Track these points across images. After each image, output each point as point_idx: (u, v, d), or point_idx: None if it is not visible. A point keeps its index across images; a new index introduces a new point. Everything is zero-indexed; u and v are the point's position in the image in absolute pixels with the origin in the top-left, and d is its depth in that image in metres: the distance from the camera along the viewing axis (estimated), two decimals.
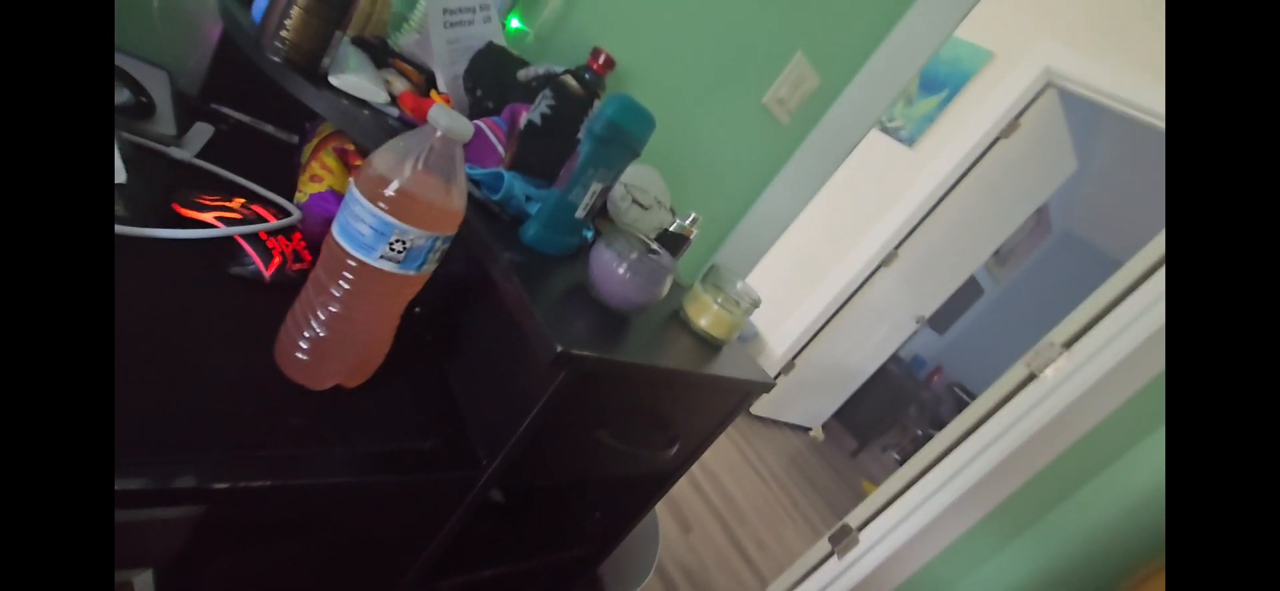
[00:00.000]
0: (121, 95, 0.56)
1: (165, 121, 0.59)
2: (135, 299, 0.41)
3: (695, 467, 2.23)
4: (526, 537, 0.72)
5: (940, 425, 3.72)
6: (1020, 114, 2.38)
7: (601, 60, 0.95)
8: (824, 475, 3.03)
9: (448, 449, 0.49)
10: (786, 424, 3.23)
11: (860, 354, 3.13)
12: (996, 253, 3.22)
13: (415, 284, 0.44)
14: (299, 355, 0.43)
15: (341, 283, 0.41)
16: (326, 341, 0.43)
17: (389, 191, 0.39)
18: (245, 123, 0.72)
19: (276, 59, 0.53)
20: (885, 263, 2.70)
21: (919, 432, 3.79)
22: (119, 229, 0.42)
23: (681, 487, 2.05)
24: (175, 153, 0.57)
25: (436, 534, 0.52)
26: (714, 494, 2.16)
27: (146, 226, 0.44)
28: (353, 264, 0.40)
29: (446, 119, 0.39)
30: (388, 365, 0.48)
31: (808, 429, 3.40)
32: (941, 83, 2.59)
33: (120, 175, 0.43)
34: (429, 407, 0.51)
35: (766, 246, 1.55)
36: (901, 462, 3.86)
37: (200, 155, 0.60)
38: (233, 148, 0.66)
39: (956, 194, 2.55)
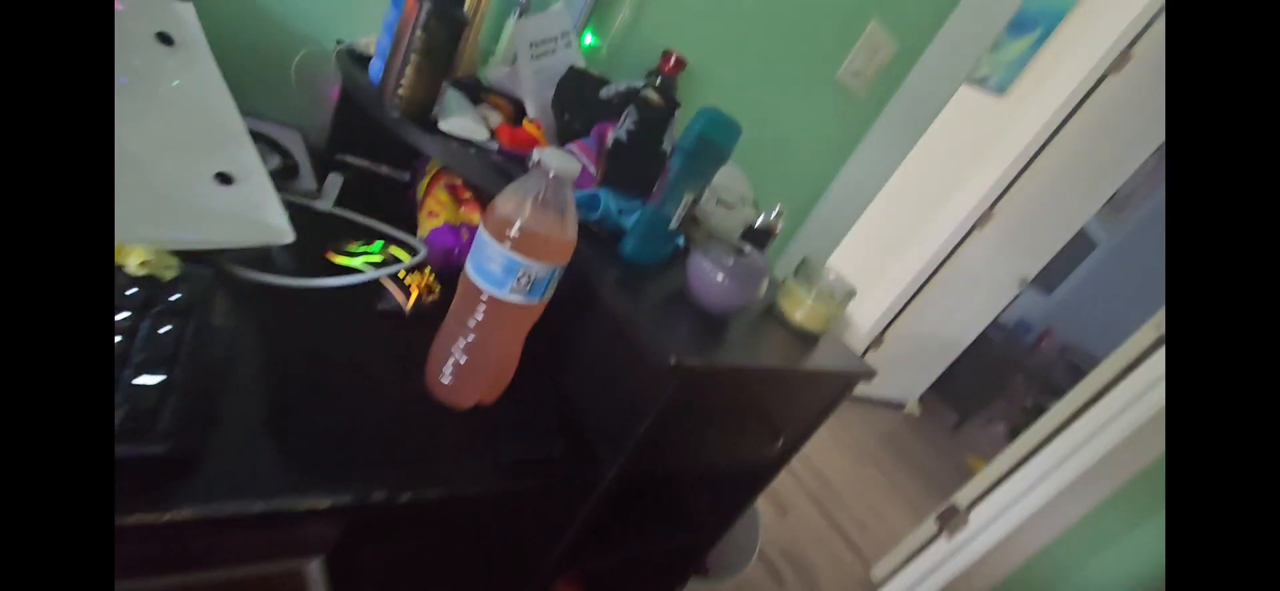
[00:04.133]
0: (272, 161, 0.65)
1: (307, 177, 0.68)
2: (313, 341, 0.48)
3: None
4: (640, 525, 0.76)
5: (1053, 393, 3.44)
6: (1131, 45, 2.13)
7: (672, 62, 0.97)
8: (923, 452, 2.91)
9: (573, 452, 0.54)
10: (878, 400, 3.12)
11: (956, 322, 2.96)
12: (1110, 200, 2.90)
13: (538, 310, 0.48)
14: (445, 380, 0.49)
15: (477, 315, 0.47)
16: (467, 367, 0.48)
17: (513, 232, 0.43)
18: (364, 167, 0.80)
19: (396, 114, 0.59)
20: (979, 223, 2.53)
21: (1028, 403, 3.52)
22: (295, 282, 0.50)
23: None
24: (319, 205, 0.65)
25: (567, 528, 0.57)
26: (807, 476, 2.14)
27: (312, 278, 0.52)
28: (485, 299, 0.45)
29: (557, 161, 0.43)
30: (513, 379, 0.54)
31: (902, 404, 3.26)
32: (1032, 21, 2.36)
33: (289, 235, 0.50)
34: (552, 415, 0.56)
35: (849, 224, 1.51)
36: (1011, 436, 3.61)
37: (336, 204, 0.68)
38: (357, 191, 0.74)
39: (1058, 141, 2.34)
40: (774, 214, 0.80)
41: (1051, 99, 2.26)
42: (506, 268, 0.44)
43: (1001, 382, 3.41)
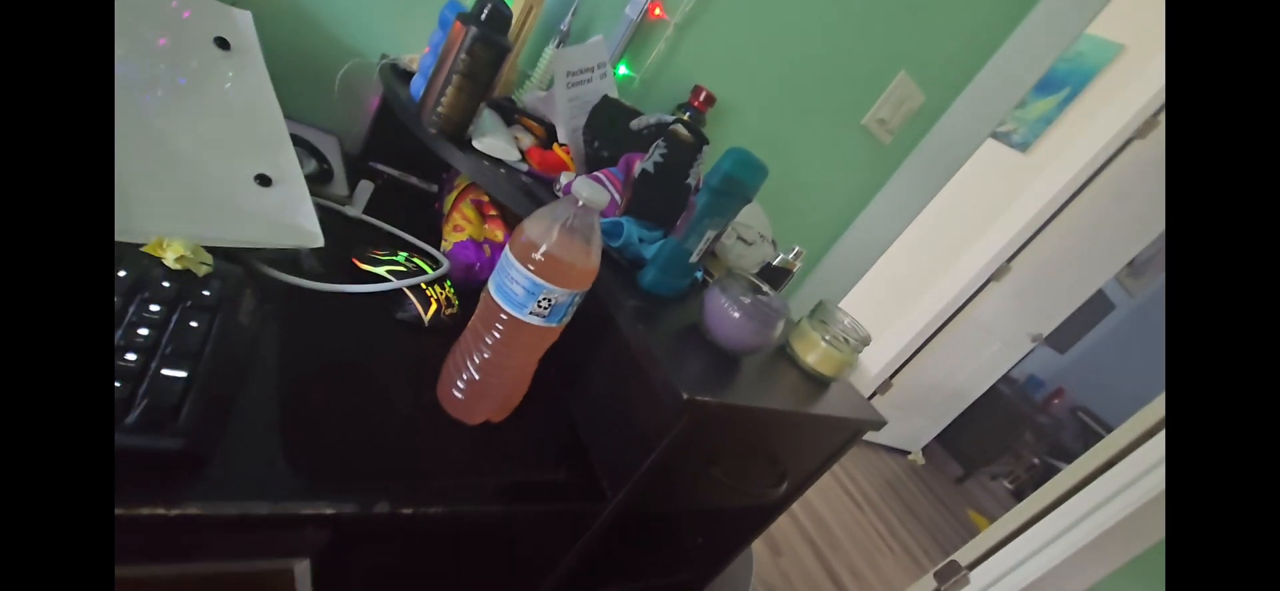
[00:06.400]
0: (309, 165, 0.67)
1: (340, 183, 0.70)
2: (331, 344, 0.49)
3: None
4: (634, 560, 0.76)
5: (1062, 454, 3.37)
6: (1158, 112, 2.13)
7: (702, 97, 0.98)
8: (925, 503, 2.85)
9: (577, 481, 0.53)
10: (882, 446, 3.07)
11: (965, 373, 2.92)
12: (1130, 264, 2.87)
13: (556, 334, 0.49)
14: (457, 394, 0.49)
15: (495, 333, 0.47)
16: (480, 384, 0.49)
17: (538, 255, 0.44)
18: (395, 176, 0.82)
19: (433, 131, 0.61)
20: (995, 277, 2.51)
21: (1035, 461, 3.45)
22: (320, 286, 0.51)
23: None
24: (349, 211, 0.67)
25: (563, 556, 0.57)
26: (805, 517, 2.10)
27: (336, 282, 0.53)
28: (505, 318, 0.46)
29: (588, 191, 0.44)
30: (524, 400, 0.54)
31: (906, 452, 3.22)
32: (1060, 81, 2.37)
33: (320, 240, 0.52)
34: (559, 440, 0.56)
35: (864, 269, 1.51)
36: (1015, 493, 3.53)
37: (366, 210, 0.69)
38: (386, 200, 0.76)
39: (1079, 202, 2.33)
40: (792, 254, 0.81)
41: (1075, 159, 2.26)
42: (529, 290, 0.44)
43: (1009, 438, 3.35)
